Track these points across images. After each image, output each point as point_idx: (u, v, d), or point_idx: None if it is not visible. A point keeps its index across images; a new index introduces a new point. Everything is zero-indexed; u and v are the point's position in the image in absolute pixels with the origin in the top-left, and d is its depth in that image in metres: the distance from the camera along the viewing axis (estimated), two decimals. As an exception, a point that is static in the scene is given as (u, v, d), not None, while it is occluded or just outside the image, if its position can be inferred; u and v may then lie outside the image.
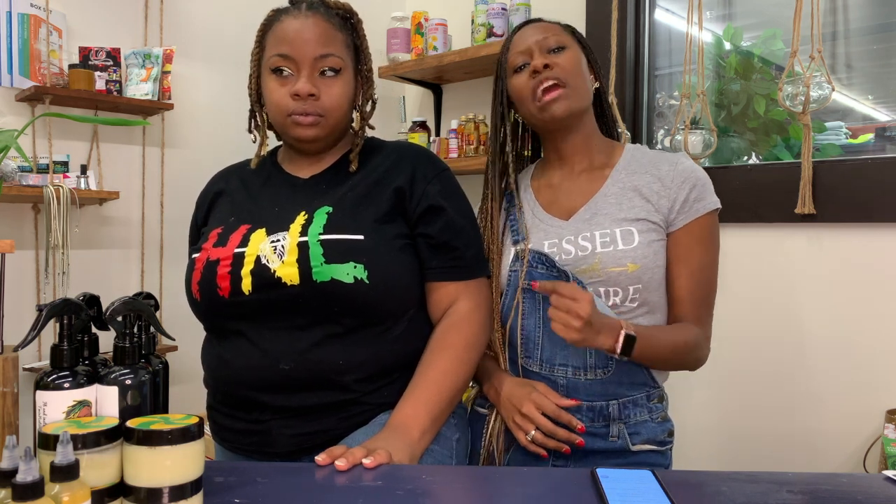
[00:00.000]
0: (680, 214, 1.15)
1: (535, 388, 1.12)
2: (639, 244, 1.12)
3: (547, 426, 1.10)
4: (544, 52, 1.18)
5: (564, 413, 1.10)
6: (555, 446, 1.10)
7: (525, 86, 1.18)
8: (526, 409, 1.11)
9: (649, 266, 1.12)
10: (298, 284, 1.01)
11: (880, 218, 1.77)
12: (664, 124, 2.35)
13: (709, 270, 1.17)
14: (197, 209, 1.24)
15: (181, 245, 2.50)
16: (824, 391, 1.86)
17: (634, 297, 1.12)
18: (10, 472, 0.57)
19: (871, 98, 1.98)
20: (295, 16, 1.10)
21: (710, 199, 1.16)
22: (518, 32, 1.23)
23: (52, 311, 0.75)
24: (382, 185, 1.11)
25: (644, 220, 1.14)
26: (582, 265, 1.13)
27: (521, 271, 1.17)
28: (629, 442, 1.14)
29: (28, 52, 2.11)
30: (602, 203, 1.17)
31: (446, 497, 0.80)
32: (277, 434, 1.04)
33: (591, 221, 1.16)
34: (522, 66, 1.19)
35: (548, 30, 1.20)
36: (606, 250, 1.12)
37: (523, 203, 1.25)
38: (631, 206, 1.15)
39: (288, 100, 1.08)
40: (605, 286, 1.12)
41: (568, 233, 1.16)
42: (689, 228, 1.15)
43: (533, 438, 1.11)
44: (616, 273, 1.11)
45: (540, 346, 1.16)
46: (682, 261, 1.15)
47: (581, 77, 1.19)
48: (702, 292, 1.16)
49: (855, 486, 0.80)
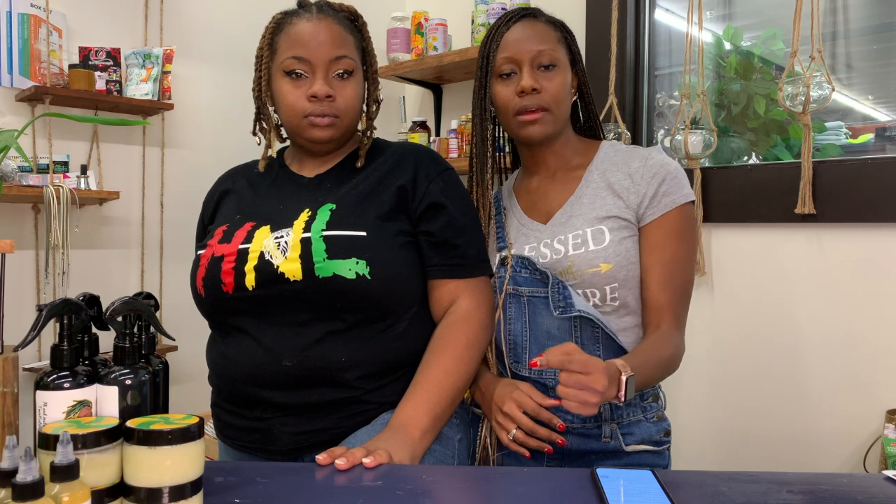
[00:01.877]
0: (649, 209, 1.13)
1: (518, 388, 1.12)
2: (609, 243, 1.12)
3: (527, 424, 1.09)
4: (535, 67, 1.15)
5: (545, 411, 1.09)
6: (536, 445, 1.09)
7: (509, 99, 1.16)
8: (507, 408, 1.10)
9: (623, 264, 1.11)
10: (301, 280, 1.02)
11: (880, 218, 1.77)
12: (664, 124, 2.35)
13: (683, 263, 1.13)
14: (204, 208, 1.26)
15: (181, 245, 2.51)
16: (824, 391, 1.86)
17: (614, 297, 1.12)
18: (10, 472, 0.57)
19: (871, 98, 1.98)
20: (307, 18, 1.11)
21: (680, 193, 1.14)
22: (510, 30, 1.17)
23: (52, 311, 0.75)
24: (385, 184, 1.12)
25: (615, 217, 1.13)
26: (557, 268, 1.13)
27: (506, 276, 1.17)
28: (622, 442, 1.13)
29: (28, 52, 2.11)
30: (577, 204, 1.17)
31: (446, 497, 0.80)
32: (279, 432, 1.04)
33: (566, 224, 1.16)
34: (509, 73, 1.16)
35: (543, 40, 1.15)
36: (578, 252, 1.12)
37: (507, 209, 1.25)
38: (603, 203, 1.15)
39: (304, 101, 1.09)
40: (581, 288, 1.12)
41: (545, 236, 1.17)
42: (659, 222, 1.13)
43: (514, 437, 1.09)
44: (590, 274, 1.11)
45: (527, 349, 1.16)
46: (653, 254, 1.12)
47: (565, 101, 1.18)
48: (675, 286, 1.12)
49: (855, 486, 0.80)
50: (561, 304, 1.11)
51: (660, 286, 1.12)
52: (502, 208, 1.26)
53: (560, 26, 1.21)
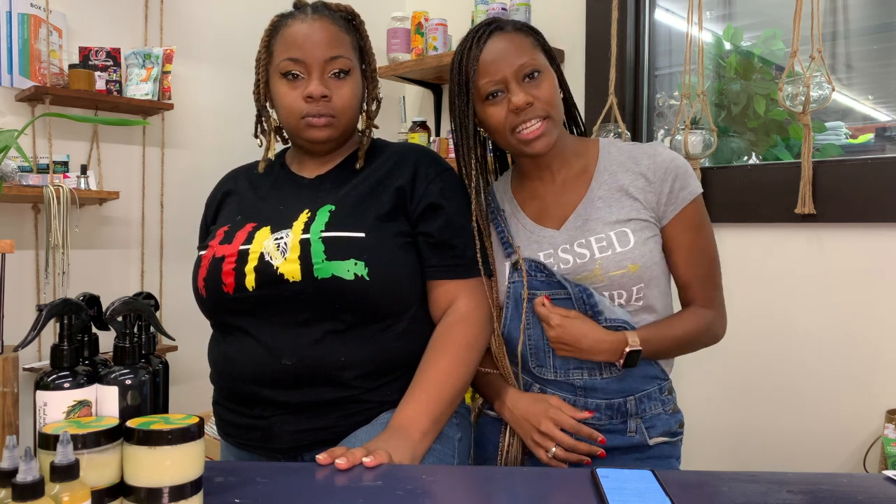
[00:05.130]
0: (668, 206, 1.15)
1: (550, 404, 1.12)
2: (635, 244, 1.12)
3: (568, 442, 1.10)
4: (520, 80, 1.11)
5: (584, 427, 1.11)
6: (577, 460, 1.11)
7: (502, 119, 1.12)
8: (545, 427, 1.11)
9: (648, 264, 1.12)
10: (300, 281, 1.02)
11: (880, 218, 1.77)
12: (664, 124, 2.35)
13: (706, 250, 1.18)
14: (206, 208, 1.26)
15: (181, 245, 2.51)
16: (824, 391, 1.86)
17: (639, 297, 1.12)
18: (10, 472, 0.57)
19: (871, 98, 1.98)
20: (302, 20, 1.11)
21: (692, 186, 1.16)
22: (484, 50, 1.12)
23: (52, 311, 0.75)
24: (384, 185, 1.12)
25: (635, 219, 1.14)
26: (582, 272, 1.12)
27: (523, 282, 1.15)
28: (647, 436, 1.14)
29: (28, 52, 2.11)
30: (591, 208, 1.16)
31: (446, 497, 0.80)
32: (279, 430, 1.05)
33: (583, 228, 1.15)
34: (496, 93, 1.12)
35: (520, 51, 1.11)
36: (605, 255, 1.11)
37: (508, 215, 1.22)
38: (620, 206, 1.15)
39: (301, 102, 1.10)
40: (608, 290, 1.12)
41: (562, 241, 1.15)
42: (679, 219, 1.15)
43: (554, 455, 1.11)
44: (618, 276, 1.11)
45: (550, 352, 1.14)
46: (679, 250, 1.16)
47: (559, 103, 1.15)
48: (704, 272, 1.17)
49: (855, 486, 0.80)
50: (589, 313, 1.11)
51: (687, 268, 1.16)
52: (500, 211, 1.23)
53: (529, 30, 1.17)
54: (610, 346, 1.08)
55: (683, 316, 1.17)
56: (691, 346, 1.17)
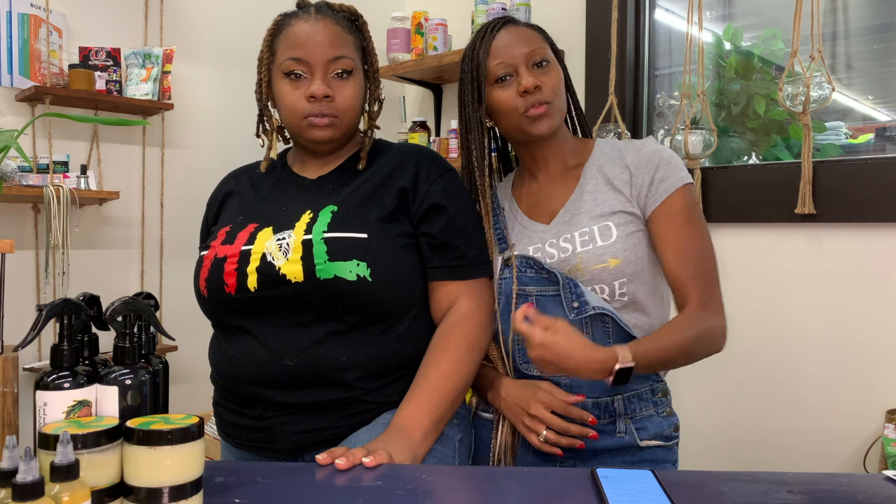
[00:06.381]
0: (650, 198, 1.13)
1: (540, 388, 1.12)
2: (617, 238, 1.12)
3: (559, 424, 1.09)
4: (530, 66, 1.16)
5: (574, 408, 1.09)
6: (568, 443, 1.10)
7: (512, 101, 1.15)
8: (534, 410, 1.10)
9: (630, 259, 1.11)
10: (302, 281, 1.02)
11: (880, 218, 1.77)
12: (664, 124, 2.35)
13: (697, 245, 1.13)
14: (208, 208, 1.26)
15: (181, 245, 2.51)
16: (824, 391, 1.86)
17: (622, 293, 1.12)
18: (10, 472, 0.57)
19: (871, 98, 1.98)
20: (305, 19, 1.11)
21: (676, 176, 1.14)
22: (496, 37, 1.18)
23: (52, 311, 0.75)
24: (387, 186, 1.12)
25: (620, 212, 1.14)
26: (565, 266, 1.13)
27: (513, 277, 1.16)
28: (637, 437, 1.13)
29: (28, 52, 2.11)
30: (579, 202, 1.17)
31: (446, 497, 0.80)
32: (280, 431, 1.05)
33: (570, 222, 1.16)
34: (505, 76, 1.16)
35: (531, 41, 1.17)
36: (586, 249, 1.12)
37: (506, 212, 1.25)
38: (606, 199, 1.15)
39: (303, 102, 1.10)
40: (589, 284, 1.12)
41: (550, 236, 1.16)
42: (662, 209, 1.13)
43: (545, 438, 1.10)
44: (598, 270, 1.11)
45: None
46: (665, 244, 1.12)
47: (563, 94, 1.20)
48: (695, 270, 1.11)
49: (855, 486, 0.80)
50: (575, 304, 1.11)
51: (677, 265, 1.11)
52: (501, 210, 1.26)
53: (539, 29, 1.22)
54: (599, 365, 0.98)
55: (675, 323, 1.10)
56: (689, 356, 1.09)
